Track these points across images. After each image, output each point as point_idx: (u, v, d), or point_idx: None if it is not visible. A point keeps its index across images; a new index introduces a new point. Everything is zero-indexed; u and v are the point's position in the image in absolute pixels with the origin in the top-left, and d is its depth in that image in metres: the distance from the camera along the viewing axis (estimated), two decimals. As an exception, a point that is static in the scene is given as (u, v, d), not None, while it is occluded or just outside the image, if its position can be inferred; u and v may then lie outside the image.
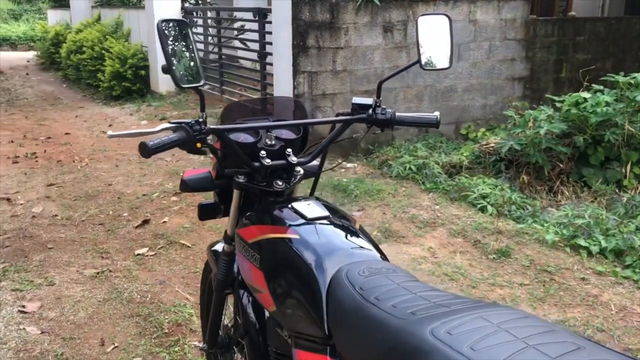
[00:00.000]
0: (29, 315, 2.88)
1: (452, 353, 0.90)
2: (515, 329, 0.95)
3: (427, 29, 1.68)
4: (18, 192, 4.80)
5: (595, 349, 0.90)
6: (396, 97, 6.08)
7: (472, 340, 0.92)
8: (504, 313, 1.02)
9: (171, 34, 1.44)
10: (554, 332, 0.95)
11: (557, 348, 0.89)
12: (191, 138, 1.42)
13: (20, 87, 10.85)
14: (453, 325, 0.97)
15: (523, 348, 0.89)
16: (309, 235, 1.40)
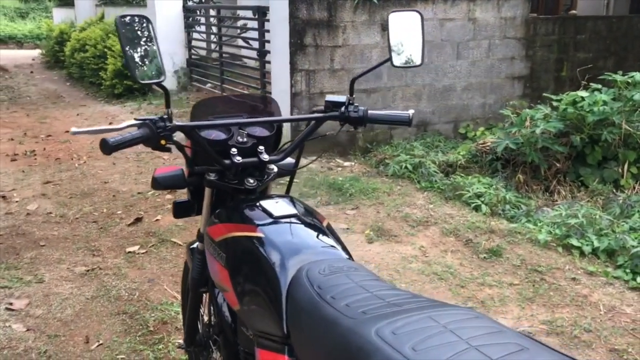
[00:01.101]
0: (15, 312, 2.89)
1: (393, 353, 0.89)
2: (461, 330, 0.94)
3: (399, 26, 1.67)
4: (14, 189, 4.82)
5: (539, 350, 0.88)
6: (394, 96, 6.06)
7: (415, 341, 0.91)
8: (454, 313, 1.01)
9: (131, 30, 1.43)
10: (502, 333, 0.94)
11: (499, 349, 0.88)
12: (154, 135, 1.42)
13: (23, 85, 10.89)
14: (398, 325, 0.96)
15: (465, 349, 0.88)
16: (274, 233, 1.40)
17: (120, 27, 1.39)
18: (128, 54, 1.38)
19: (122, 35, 1.38)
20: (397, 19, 1.67)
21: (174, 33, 8.82)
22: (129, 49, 1.39)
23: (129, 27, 1.43)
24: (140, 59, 1.44)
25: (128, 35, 1.42)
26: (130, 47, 1.41)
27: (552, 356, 0.86)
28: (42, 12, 21.83)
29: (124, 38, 1.38)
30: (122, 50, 1.36)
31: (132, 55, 1.41)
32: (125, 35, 1.40)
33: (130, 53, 1.40)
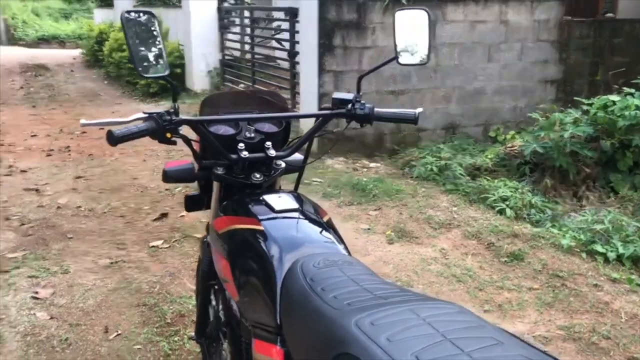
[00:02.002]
0: (40, 301, 2.99)
1: (369, 343, 0.90)
2: (439, 323, 0.94)
3: (406, 24, 1.67)
4: (47, 183, 4.97)
5: (514, 345, 0.88)
6: (423, 98, 6.03)
7: (391, 332, 0.92)
8: (436, 307, 1.02)
9: (137, 25, 1.47)
10: (480, 327, 0.95)
11: (474, 342, 0.88)
12: (160, 128, 1.46)
13: (63, 84, 11.20)
14: (378, 317, 0.97)
15: (439, 341, 0.88)
16: (273, 227, 1.42)
17: (126, 23, 1.44)
18: (133, 49, 1.42)
19: (128, 31, 1.43)
20: (404, 17, 1.68)
21: (208, 34, 8.95)
22: (134, 44, 1.43)
23: (135, 23, 1.48)
24: (145, 54, 1.48)
25: (134, 31, 1.47)
26: (135, 42, 1.45)
27: (526, 351, 0.86)
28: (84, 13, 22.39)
29: (129, 33, 1.43)
30: (127, 45, 1.40)
31: (137, 50, 1.45)
32: (130, 31, 1.44)
33: (135, 48, 1.44)
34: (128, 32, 1.42)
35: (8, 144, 6.35)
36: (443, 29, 5.90)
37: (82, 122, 1.45)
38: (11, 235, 3.84)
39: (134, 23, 1.47)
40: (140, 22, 1.48)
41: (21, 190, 4.76)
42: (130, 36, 1.42)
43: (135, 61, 1.43)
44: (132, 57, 1.42)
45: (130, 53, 1.42)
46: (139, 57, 1.45)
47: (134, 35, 1.45)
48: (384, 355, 0.86)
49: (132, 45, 1.42)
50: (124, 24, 1.43)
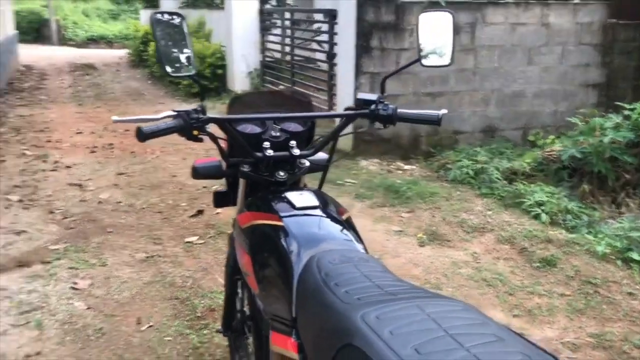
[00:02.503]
0: (79, 291, 3.10)
1: (372, 336, 0.93)
2: (443, 319, 0.97)
3: (430, 26, 1.69)
4: (90, 179, 5.14)
5: (515, 342, 0.90)
6: (461, 101, 6.00)
7: (395, 326, 0.95)
8: (443, 304, 1.04)
9: (166, 26, 1.54)
10: (484, 325, 0.96)
11: (475, 338, 0.90)
12: (187, 126, 1.52)
13: (109, 83, 11.52)
14: (384, 312, 1.00)
15: (440, 336, 0.91)
16: (293, 223, 1.46)
17: (155, 24, 1.50)
18: (161, 49, 1.49)
19: (157, 31, 1.49)
20: (428, 19, 1.70)
21: (249, 35, 9.07)
22: (162, 44, 1.49)
23: (164, 24, 1.54)
24: (173, 54, 1.54)
25: (162, 31, 1.53)
26: (163, 42, 1.51)
27: (526, 348, 0.88)
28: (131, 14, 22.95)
29: (158, 34, 1.49)
30: (155, 46, 1.46)
31: (165, 50, 1.51)
32: (159, 31, 1.50)
33: (164, 48, 1.51)
34: (157, 33, 1.49)
35: (55, 141, 6.58)
36: (482, 32, 5.85)
37: (114, 119, 1.52)
38: (54, 228, 3.99)
39: (163, 24, 1.54)
40: (169, 23, 1.55)
41: (65, 185, 4.94)
42: (159, 37, 1.49)
43: (163, 61, 1.49)
44: (160, 57, 1.48)
45: (158, 53, 1.48)
46: (167, 57, 1.51)
47: (162, 36, 1.51)
48: (385, 347, 0.89)
49: (160, 46, 1.49)
50: (153, 25, 1.49)
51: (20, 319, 2.82)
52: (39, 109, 8.51)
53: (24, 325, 2.77)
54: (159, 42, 1.48)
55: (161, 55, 1.48)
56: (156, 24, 1.50)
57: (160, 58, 1.48)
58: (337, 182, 5.02)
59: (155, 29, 1.49)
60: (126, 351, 2.58)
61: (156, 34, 1.48)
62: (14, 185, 4.89)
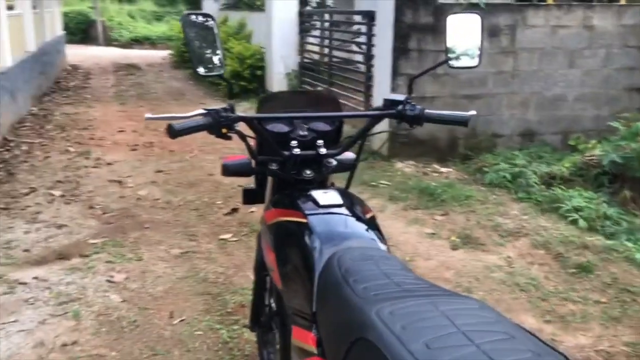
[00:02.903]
0: (115, 285, 3.19)
1: (384, 330, 0.94)
2: (457, 316, 0.97)
3: (457, 28, 1.69)
4: (130, 176, 5.26)
5: (526, 340, 0.90)
6: (499, 104, 5.92)
7: (407, 321, 0.96)
8: (458, 302, 1.04)
9: (196, 26, 1.57)
10: (497, 323, 0.96)
11: (486, 335, 0.90)
12: (217, 123, 1.55)
13: (152, 83, 11.76)
14: (398, 307, 1.01)
15: (451, 332, 0.91)
16: (316, 220, 1.48)
17: (186, 24, 1.54)
18: (191, 49, 1.53)
19: (187, 32, 1.53)
20: (456, 21, 1.69)
21: (288, 37, 9.14)
22: (192, 44, 1.53)
23: (194, 24, 1.58)
24: (203, 53, 1.58)
25: (193, 32, 1.57)
26: (194, 42, 1.55)
27: (536, 346, 0.88)
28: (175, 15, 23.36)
29: (188, 34, 1.53)
30: (186, 45, 1.51)
31: (195, 50, 1.56)
32: (190, 32, 1.55)
33: (194, 48, 1.55)
34: (188, 33, 1.53)
35: (98, 138, 6.77)
36: (523, 34, 5.77)
37: (146, 116, 1.57)
38: (94, 223, 4.11)
39: (193, 24, 1.58)
40: (200, 23, 1.59)
41: (106, 182, 5.08)
42: (190, 37, 1.53)
43: (193, 60, 1.53)
44: (191, 56, 1.53)
45: (189, 52, 1.52)
46: (197, 56, 1.55)
47: (193, 37, 1.55)
48: (396, 341, 0.90)
49: (191, 46, 1.53)
50: (183, 26, 1.53)
51: (58, 309, 2.92)
52: (83, 108, 8.75)
53: (62, 315, 2.87)
54: (190, 43, 1.53)
55: (192, 55, 1.52)
56: (187, 24, 1.55)
57: (191, 58, 1.53)
58: (371, 183, 5.02)
59: (186, 29, 1.53)
60: (158, 343, 2.65)
61: (187, 35, 1.53)
62: (57, 180, 5.05)
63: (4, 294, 3.05)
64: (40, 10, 10.77)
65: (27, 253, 3.57)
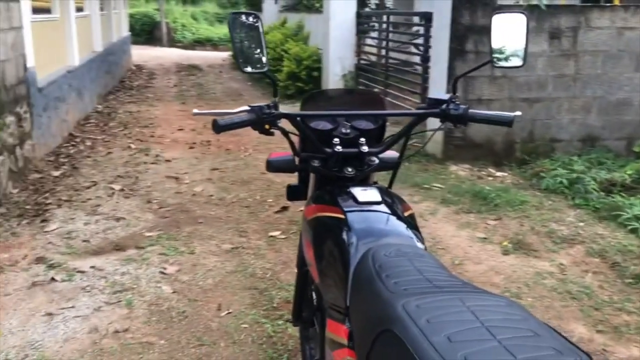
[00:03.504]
0: (167, 276, 3.30)
1: (409, 323, 0.95)
2: (482, 312, 0.97)
3: (503, 28, 1.67)
4: (187, 173, 5.41)
5: (549, 338, 0.89)
6: (559, 108, 5.76)
7: (432, 315, 0.96)
8: (486, 299, 1.04)
9: (243, 25, 1.62)
10: (523, 320, 0.96)
11: (509, 332, 0.90)
12: (260, 120, 1.59)
13: (212, 83, 12.04)
14: (425, 302, 1.01)
15: (475, 327, 0.91)
16: (354, 216, 1.50)
17: (232, 22, 1.59)
18: (237, 47, 1.57)
19: (234, 30, 1.57)
20: (501, 20, 1.67)
21: (345, 38, 9.16)
22: (238, 42, 1.58)
23: (241, 23, 1.62)
24: (248, 51, 1.62)
25: (239, 30, 1.61)
26: (240, 40, 1.60)
27: (560, 344, 0.86)
28: (237, 18, 23.78)
29: (235, 32, 1.57)
30: (232, 43, 1.55)
31: (241, 47, 1.60)
32: (236, 30, 1.59)
33: (240, 46, 1.59)
34: (234, 31, 1.58)
35: (158, 136, 6.99)
36: (586, 36, 5.59)
37: (194, 112, 1.63)
38: (150, 217, 4.26)
39: (240, 23, 1.62)
40: (246, 22, 1.63)
41: (163, 177, 5.24)
42: (236, 35, 1.57)
43: (238, 57, 1.58)
44: (236, 53, 1.57)
45: (234, 50, 1.57)
46: (242, 53, 1.60)
47: (239, 35, 1.60)
48: (419, 333, 0.91)
49: (236, 43, 1.57)
50: (230, 24, 1.58)
51: (113, 297, 3.04)
52: (145, 106, 9.05)
53: (115, 303, 2.99)
54: (235, 41, 1.57)
55: (238, 53, 1.57)
56: (234, 23, 1.59)
57: (236, 55, 1.57)
58: (424, 185, 4.98)
59: (232, 28, 1.58)
60: (205, 334, 2.72)
61: (233, 33, 1.57)
62: (117, 175, 5.25)
63: (63, 281, 3.20)
64: (108, 11, 11.20)
65: (86, 243, 3.73)
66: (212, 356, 2.55)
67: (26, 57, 5.16)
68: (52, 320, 2.82)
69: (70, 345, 2.61)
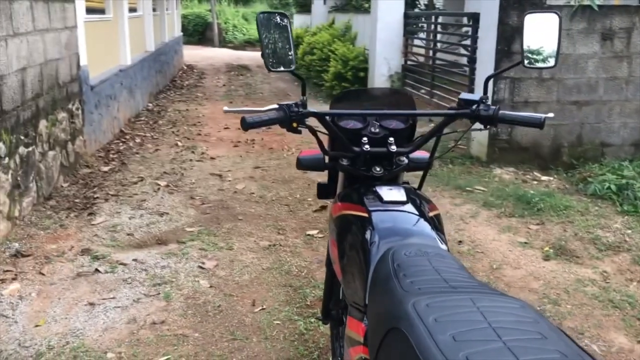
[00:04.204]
0: (205, 271, 3.37)
1: (417, 321, 0.95)
2: (492, 313, 0.96)
3: (535, 27, 1.64)
4: (230, 170, 5.51)
5: (558, 342, 0.88)
6: (610, 111, 5.60)
7: (440, 314, 0.96)
8: (499, 300, 1.03)
9: (270, 24, 1.64)
10: (534, 323, 0.94)
11: (517, 334, 0.89)
12: (287, 118, 1.61)
13: (260, 83, 12.19)
14: (436, 301, 1.01)
15: (482, 327, 0.91)
16: (377, 215, 1.50)
17: (261, 22, 1.61)
18: (265, 45, 1.60)
19: (262, 29, 1.60)
20: (534, 20, 1.64)
21: (393, 39, 9.12)
22: (266, 41, 1.61)
23: (269, 22, 1.65)
24: (275, 50, 1.65)
25: (267, 30, 1.64)
26: (267, 39, 1.62)
27: (568, 348, 0.85)
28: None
29: (263, 31, 1.60)
30: (260, 42, 1.58)
31: (268, 46, 1.63)
32: (264, 29, 1.62)
33: (267, 44, 1.62)
34: (262, 30, 1.60)
35: (204, 134, 7.13)
36: (638, 37, 5.41)
37: (224, 109, 1.67)
38: (192, 212, 4.35)
39: (268, 23, 1.65)
40: (274, 22, 1.65)
41: (207, 175, 5.35)
42: (264, 34, 1.60)
43: (265, 56, 1.60)
44: (263, 52, 1.60)
45: (262, 49, 1.59)
46: (270, 52, 1.63)
47: (267, 34, 1.62)
48: (425, 332, 0.91)
49: (264, 42, 1.60)
50: (258, 23, 1.61)
51: (152, 290, 3.13)
52: (194, 105, 9.24)
53: (154, 296, 3.07)
54: (263, 39, 1.60)
55: (264, 51, 1.60)
56: (262, 23, 1.62)
57: (263, 53, 1.60)
58: (466, 188, 4.92)
59: (260, 27, 1.61)
60: (238, 329, 2.76)
61: (261, 32, 1.60)
62: (164, 171, 5.38)
63: (106, 273, 3.31)
64: (161, 12, 11.48)
65: (130, 237, 3.85)
66: (243, 351, 2.60)
67: (79, 56, 5.35)
68: (93, 309, 2.92)
69: (109, 335, 2.70)
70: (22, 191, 3.94)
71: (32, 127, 4.17)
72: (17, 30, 3.92)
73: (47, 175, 4.43)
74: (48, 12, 4.54)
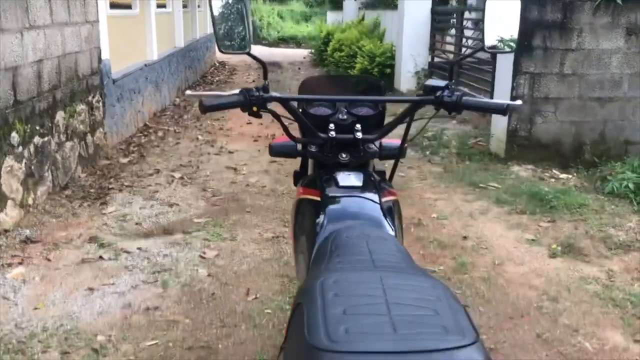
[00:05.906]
0: (205, 260, 3.41)
1: (317, 296, 0.95)
2: (394, 290, 0.95)
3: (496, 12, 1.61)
4: (246, 164, 5.56)
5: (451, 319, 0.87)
6: (635, 108, 5.44)
7: (342, 290, 0.96)
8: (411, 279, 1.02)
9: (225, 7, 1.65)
10: (436, 301, 0.93)
11: (410, 309, 0.89)
12: (247, 102, 1.62)
13: (289, 79, 12.22)
14: (344, 277, 1.01)
15: (376, 303, 0.91)
16: (329, 199, 1.50)
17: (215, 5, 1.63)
18: (217, 28, 1.61)
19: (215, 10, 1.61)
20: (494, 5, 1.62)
21: (419, 36, 9.06)
22: (218, 23, 1.62)
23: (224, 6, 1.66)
24: (229, 33, 1.66)
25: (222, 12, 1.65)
26: (221, 23, 1.63)
27: (455, 326, 0.84)
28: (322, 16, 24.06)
29: (216, 14, 1.61)
30: (212, 25, 1.59)
31: (221, 29, 1.64)
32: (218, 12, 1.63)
33: (220, 27, 1.63)
34: (215, 13, 1.62)
35: (226, 129, 7.21)
36: (666, 32, 5.25)
37: (187, 93, 1.69)
38: (202, 204, 4.41)
39: (223, 6, 1.66)
40: (230, 5, 1.67)
41: (223, 168, 5.41)
42: (217, 17, 1.61)
43: (217, 38, 1.62)
44: (216, 34, 1.61)
45: (214, 32, 1.61)
46: (223, 35, 1.64)
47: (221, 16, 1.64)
48: (320, 306, 0.91)
49: (216, 25, 1.61)
50: (211, 4, 1.62)
51: (151, 277, 3.19)
52: (220, 100, 9.33)
53: (152, 283, 3.13)
54: (215, 23, 1.61)
55: (216, 33, 1.61)
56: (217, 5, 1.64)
57: (215, 34, 1.61)
58: (480, 184, 4.86)
59: (213, 10, 1.62)
60: (228, 316, 2.80)
61: (214, 15, 1.62)
62: (180, 164, 5.47)
63: (110, 260, 3.39)
64: (192, 9, 11.64)
65: (137, 226, 3.93)
66: (230, 337, 2.63)
67: (101, 50, 5.47)
68: (91, 294, 2.99)
69: (102, 319, 2.77)
70: (37, 180, 4.06)
71: (49, 117, 4.29)
72: (33, 23, 4.04)
73: (64, 165, 4.55)
74: (68, 7, 4.66)
